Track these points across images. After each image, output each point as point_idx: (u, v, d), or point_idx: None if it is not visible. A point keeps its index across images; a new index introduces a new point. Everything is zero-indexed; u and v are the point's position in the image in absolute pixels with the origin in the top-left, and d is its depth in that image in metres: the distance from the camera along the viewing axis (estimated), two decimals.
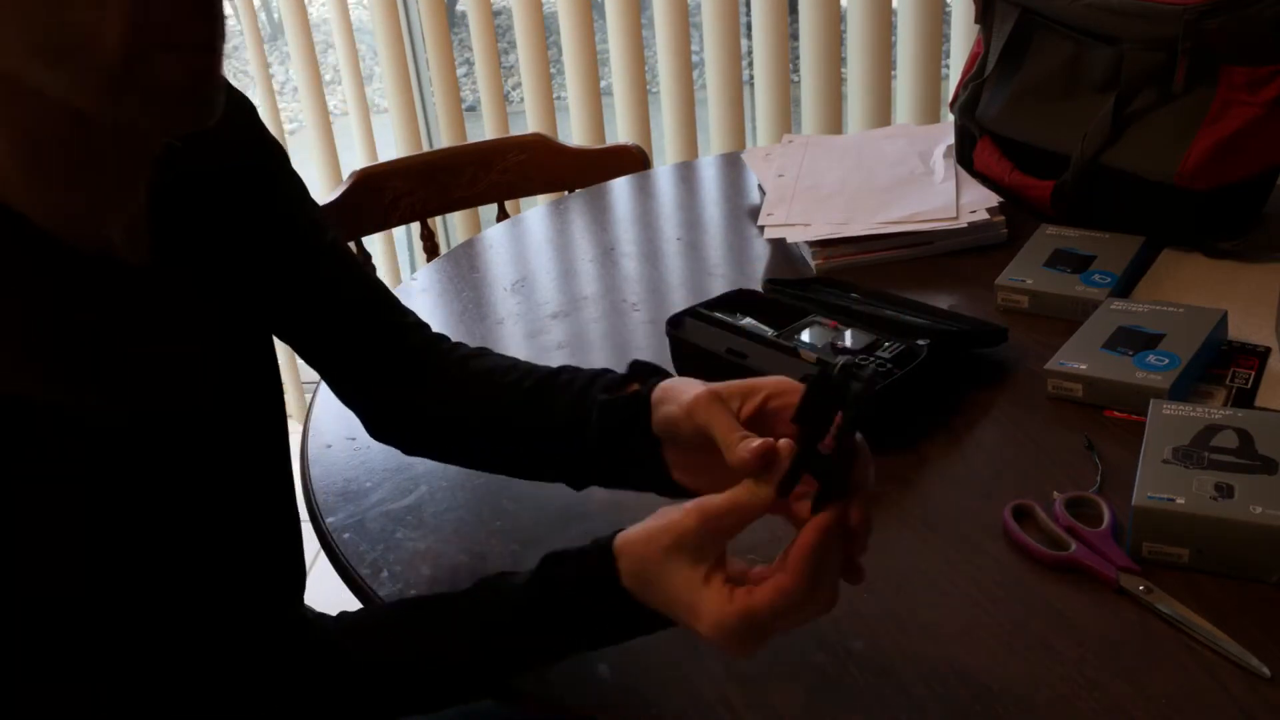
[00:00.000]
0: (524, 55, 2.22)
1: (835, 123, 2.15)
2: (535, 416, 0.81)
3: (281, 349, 0.86)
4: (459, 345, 0.91)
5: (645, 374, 0.77)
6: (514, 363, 0.87)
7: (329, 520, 0.91)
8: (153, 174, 0.71)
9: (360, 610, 0.78)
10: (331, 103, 2.55)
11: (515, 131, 1.85)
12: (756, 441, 0.63)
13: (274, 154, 0.85)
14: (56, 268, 0.63)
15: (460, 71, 2.59)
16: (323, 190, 2.31)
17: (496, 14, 2.31)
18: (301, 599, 0.90)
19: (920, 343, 0.96)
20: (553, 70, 2.25)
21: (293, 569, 0.87)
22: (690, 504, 0.62)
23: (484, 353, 0.89)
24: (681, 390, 0.70)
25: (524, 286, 1.29)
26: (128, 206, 0.69)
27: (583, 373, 0.82)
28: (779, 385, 0.68)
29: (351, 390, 0.91)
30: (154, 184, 0.72)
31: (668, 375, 0.76)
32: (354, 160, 2.14)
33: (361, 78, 2.34)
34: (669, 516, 0.63)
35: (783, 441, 0.63)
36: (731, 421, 0.66)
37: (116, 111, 0.60)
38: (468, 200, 1.69)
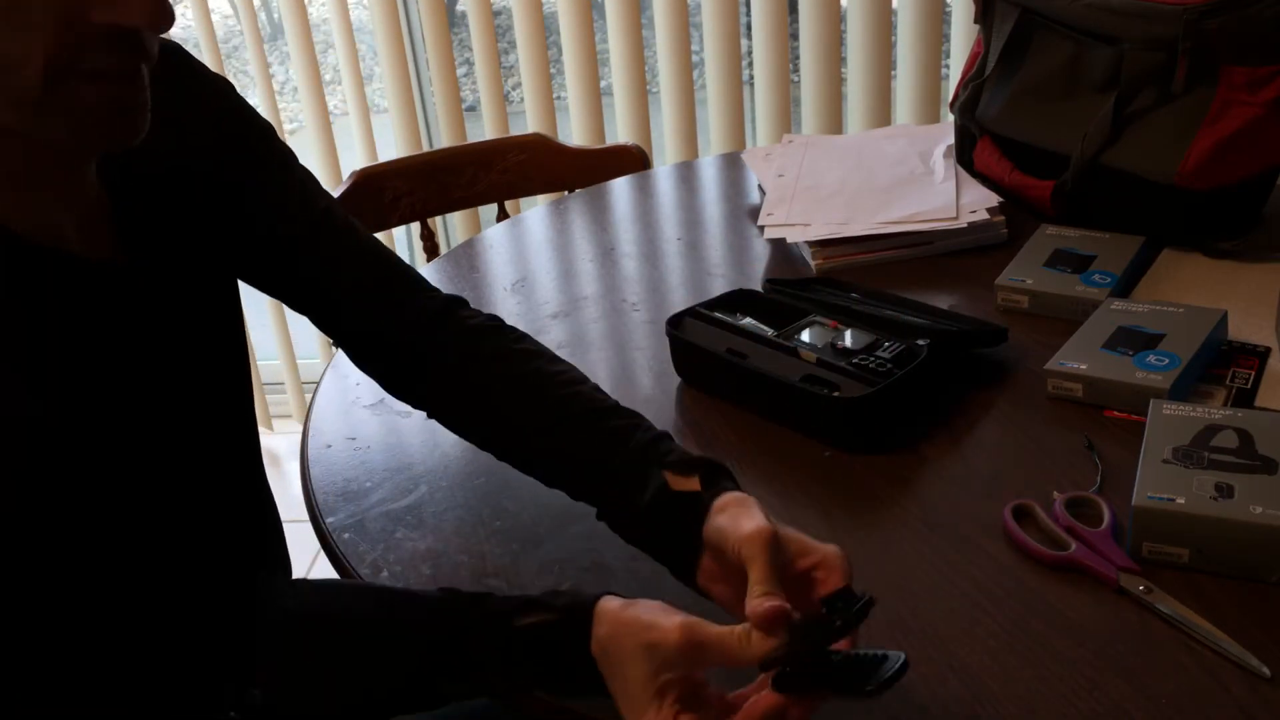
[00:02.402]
0: (524, 55, 2.22)
1: (835, 123, 2.15)
2: (584, 454, 0.80)
3: (281, 350, 0.87)
4: (485, 329, 0.89)
5: (712, 471, 0.73)
6: (553, 373, 0.85)
7: (329, 520, 0.91)
8: (112, 171, 0.73)
9: (329, 588, 0.78)
10: (331, 103, 2.55)
11: (515, 131, 1.85)
12: (775, 602, 0.62)
13: (254, 131, 0.86)
14: (13, 264, 0.66)
15: (460, 71, 2.59)
16: None
17: (496, 14, 2.30)
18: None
19: (920, 343, 0.96)
20: (553, 70, 2.25)
21: (261, 553, 0.88)
22: (683, 622, 0.62)
23: (518, 347, 0.88)
24: (742, 515, 0.68)
25: (524, 286, 1.29)
26: (75, 206, 0.71)
27: (642, 427, 0.79)
28: (831, 559, 0.66)
29: (365, 363, 0.92)
30: (117, 178, 0.74)
31: (732, 480, 0.74)
32: (354, 160, 2.14)
33: (361, 78, 2.34)
34: (659, 618, 0.63)
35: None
36: (769, 570, 0.64)
37: (39, 130, 0.64)
38: (468, 200, 1.69)
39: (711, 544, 0.70)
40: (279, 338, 2.58)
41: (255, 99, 2.30)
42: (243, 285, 0.89)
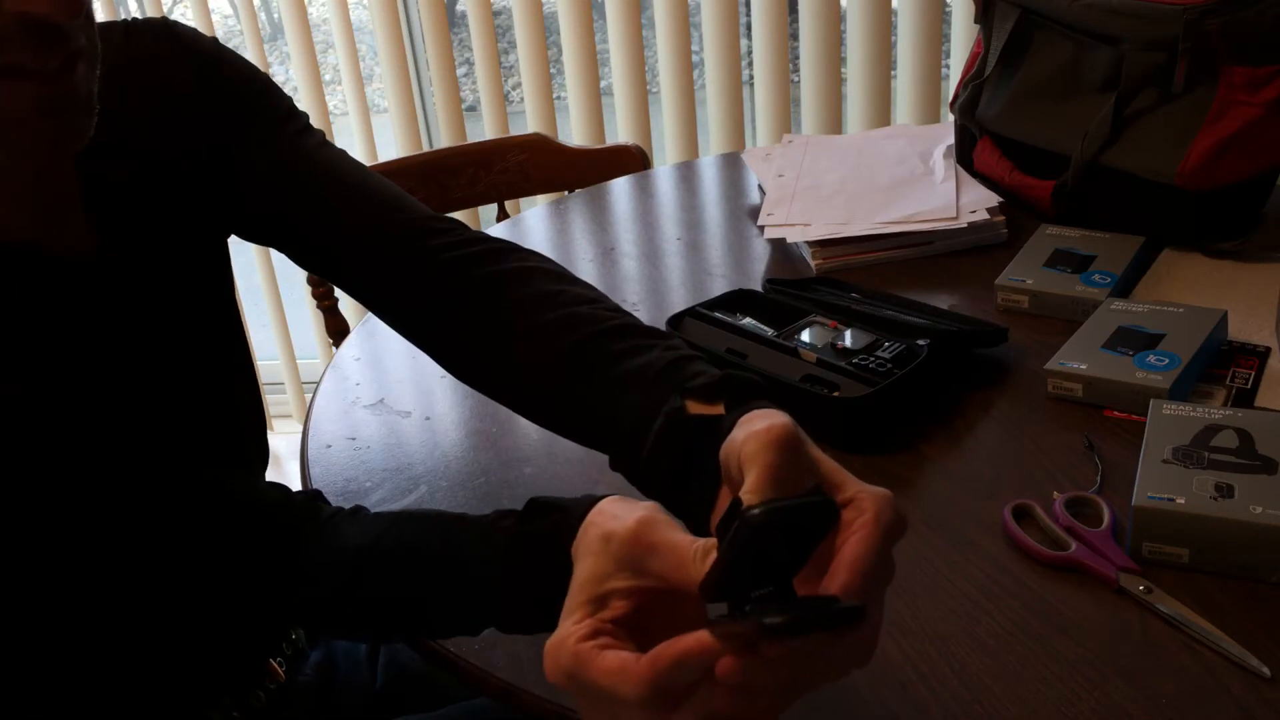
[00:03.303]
0: (524, 55, 2.22)
1: (835, 123, 2.15)
2: (593, 396, 0.70)
3: (281, 349, 0.87)
4: (502, 263, 0.80)
5: (741, 392, 0.62)
6: (570, 307, 0.75)
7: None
8: (91, 162, 0.72)
9: (391, 521, 0.71)
10: (331, 103, 2.55)
11: (515, 131, 1.84)
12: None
13: (246, 89, 0.83)
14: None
15: (460, 71, 2.59)
16: None
17: (496, 14, 2.31)
18: None
19: (920, 343, 0.96)
20: (553, 70, 2.25)
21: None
22: (645, 516, 0.52)
23: (522, 260, 0.80)
24: (759, 419, 0.54)
25: None
26: (44, 201, 0.69)
27: (661, 347, 0.69)
28: (867, 500, 0.52)
29: (368, 300, 0.85)
30: (96, 168, 0.72)
31: (764, 400, 0.61)
32: None
33: (361, 78, 2.34)
34: (629, 509, 0.53)
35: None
36: (769, 476, 0.51)
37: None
38: (468, 200, 1.69)
39: (725, 469, 0.56)
40: (279, 338, 2.58)
41: None
42: (243, 286, 0.88)
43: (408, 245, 0.81)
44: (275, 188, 0.82)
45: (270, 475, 0.95)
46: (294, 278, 0.86)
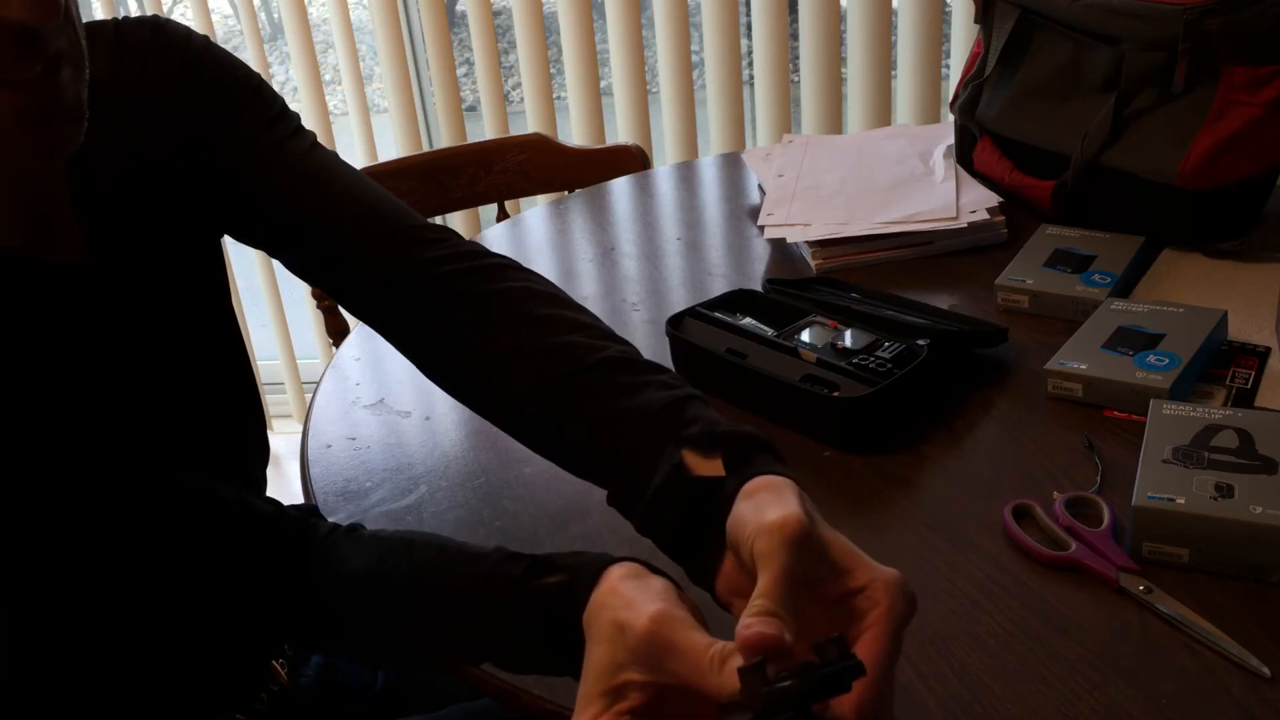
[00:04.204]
0: (524, 55, 2.22)
1: (835, 123, 2.15)
2: (585, 422, 0.69)
3: (281, 349, 0.86)
4: (497, 281, 0.78)
5: (742, 449, 0.61)
6: (568, 335, 0.74)
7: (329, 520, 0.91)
8: (81, 168, 0.71)
9: (389, 547, 0.70)
10: (331, 103, 2.55)
11: (515, 131, 1.84)
12: (767, 628, 0.48)
13: (236, 87, 0.82)
14: None
15: (460, 71, 2.59)
16: None
17: (496, 14, 2.31)
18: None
19: (920, 343, 0.96)
20: (553, 70, 2.25)
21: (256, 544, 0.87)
22: (660, 611, 0.51)
23: (521, 280, 0.79)
24: (771, 502, 0.54)
25: None
26: (32, 208, 0.68)
27: (658, 383, 0.69)
28: (880, 586, 0.52)
29: (356, 308, 0.84)
30: (86, 174, 0.72)
31: (771, 455, 0.62)
32: (354, 160, 2.13)
33: (361, 78, 2.34)
34: (642, 598, 0.53)
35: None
36: (783, 577, 0.50)
37: None
38: (468, 200, 1.69)
39: (732, 542, 0.56)
40: (279, 338, 2.58)
41: None
42: (242, 286, 0.88)
43: (400, 255, 0.80)
44: (263, 189, 0.81)
45: (270, 475, 0.95)
46: (294, 278, 0.86)
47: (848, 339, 0.99)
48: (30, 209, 0.69)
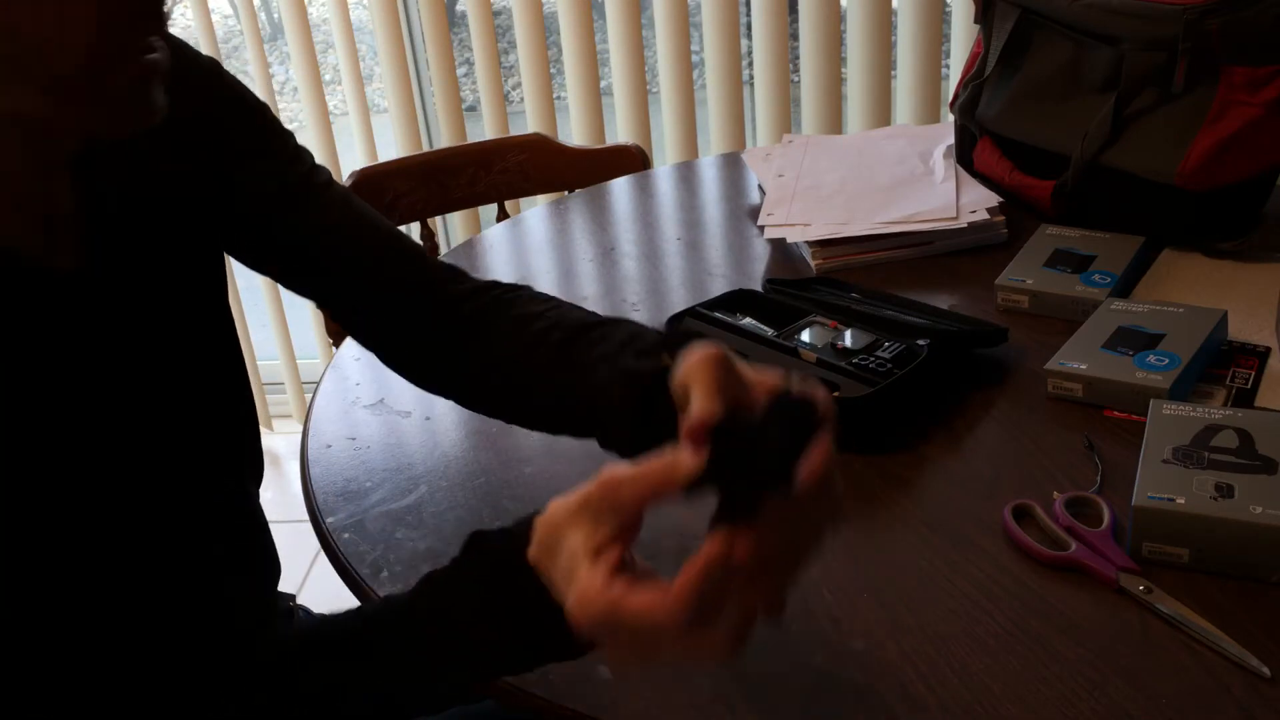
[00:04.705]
0: (524, 55, 2.22)
1: (835, 123, 2.15)
2: (560, 383, 0.77)
3: (281, 349, 0.87)
4: (482, 285, 0.86)
5: (680, 342, 0.68)
6: (543, 310, 0.82)
7: (329, 520, 0.91)
8: (89, 173, 0.70)
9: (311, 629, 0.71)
10: (331, 103, 2.55)
11: (515, 131, 1.84)
12: (706, 413, 0.55)
13: (243, 110, 0.83)
14: None
15: (460, 71, 2.59)
16: None
17: (496, 14, 2.31)
18: (273, 592, 0.90)
19: (920, 343, 0.96)
20: (553, 70, 2.25)
21: (248, 548, 0.87)
22: (596, 477, 0.55)
23: (514, 293, 0.85)
24: (696, 350, 0.60)
25: None
26: (41, 212, 0.68)
27: (615, 334, 0.76)
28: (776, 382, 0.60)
29: (363, 332, 0.89)
30: (95, 180, 0.71)
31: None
32: (354, 160, 2.14)
33: (361, 78, 2.34)
34: (579, 487, 0.57)
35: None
36: (712, 388, 0.57)
37: (64, 118, 0.60)
38: (468, 200, 1.69)
39: (679, 404, 0.61)
40: (279, 338, 2.58)
41: None
42: (242, 286, 0.88)
43: (418, 290, 0.86)
44: (284, 221, 0.84)
45: (270, 475, 0.95)
46: None
47: (848, 339, 0.99)
48: (34, 209, 0.68)
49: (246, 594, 0.87)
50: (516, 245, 1.43)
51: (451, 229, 2.58)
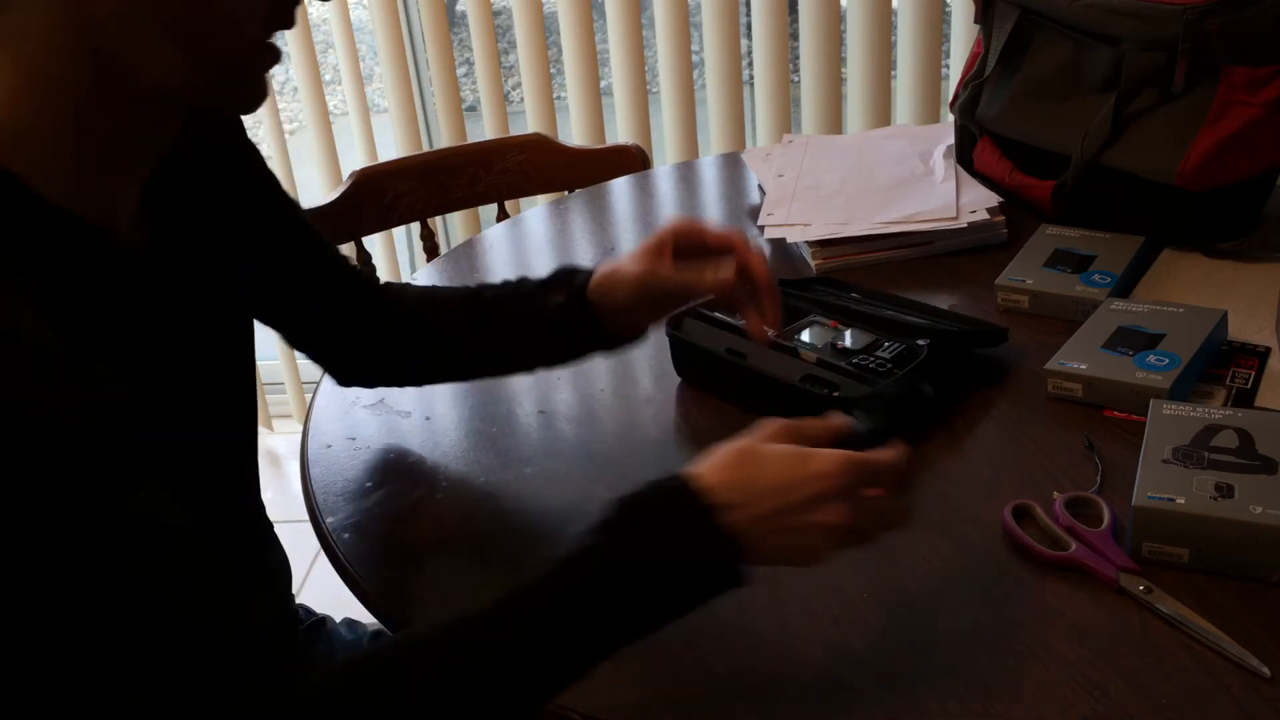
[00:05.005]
0: (524, 55, 2.22)
1: (835, 123, 2.15)
2: (494, 325, 0.93)
3: (281, 349, 0.87)
4: (405, 285, 1.03)
5: (562, 281, 0.90)
6: (463, 290, 0.98)
7: (329, 520, 0.91)
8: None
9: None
10: (331, 103, 2.55)
11: (515, 131, 1.84)
12: (727, 270, 0.82)
13: (249, 151, 0.86)
14: (67, 242, 0.63)
15: (460, 71, 2.59)
16: (323, 190, 2.31)
17: (496, 14, 2.30)
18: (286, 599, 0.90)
19: (920, 343, 0.96)
20: (553, 70, 2.25)
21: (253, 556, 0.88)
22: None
23: (433, 288, 1.03)
24: (619, 277, 0.87)
25: None
26: (133, 192, 0.69)
27: (504, 291, 0.95)
28: (679, 228, 0.86)
29: (319, 344, 0.97)
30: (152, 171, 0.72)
31: (580, 275, 0.89)
32: (354, 160, 2.14)
33: (361, 78, 2.33)
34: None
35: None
36: (678, 272, 0.85)
37: (205, 93, 0.63)
38: (468, 200, 1.69)
39: (611, 316, 0.88)
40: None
41: None
42: None
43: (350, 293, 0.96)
44: (277, 266, 0.89)
45: (270, 475, 0.95)
46: None
47: (848, 339, 0.99)
48: (136, 191, 0.69)
49: (261, 599, 0.86)
50: (516, 245, 1.43)
51: (451, 229, 2.58)
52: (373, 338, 0.97)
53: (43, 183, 0.60)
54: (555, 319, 0.89)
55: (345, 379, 1.02)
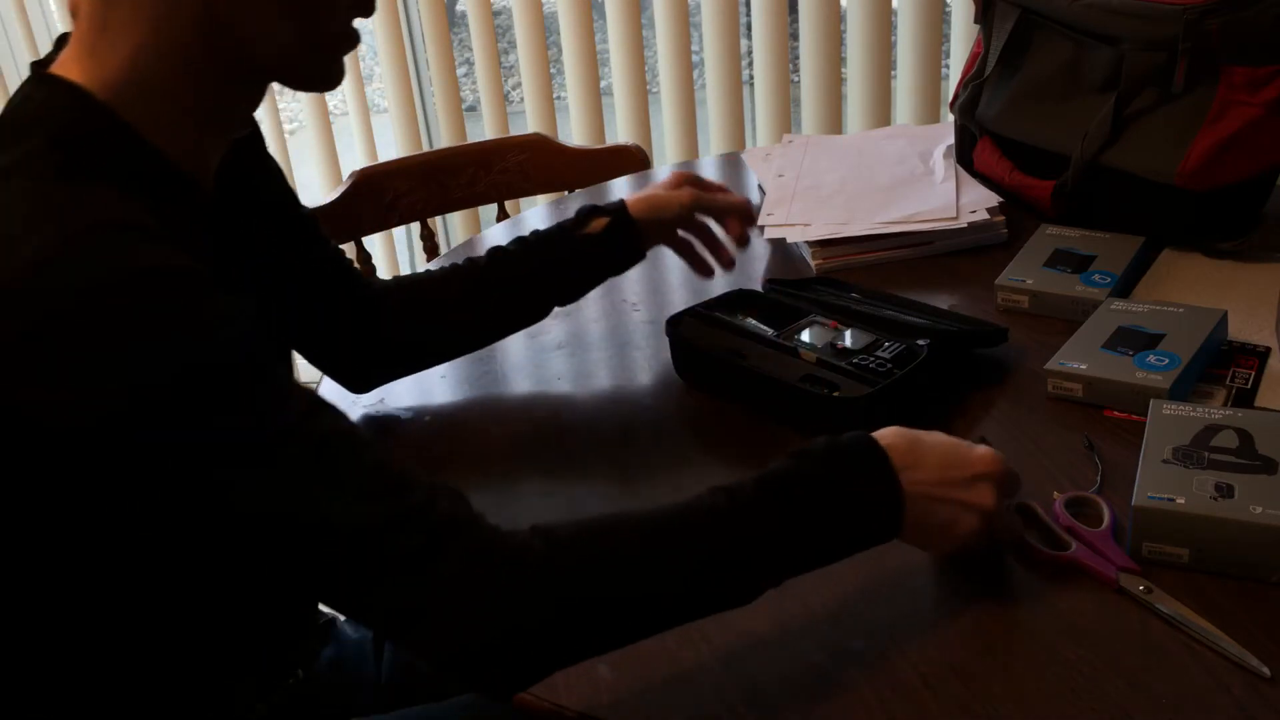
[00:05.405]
0: (524, 55, 2.22)
1: (835, 123, 2.15)
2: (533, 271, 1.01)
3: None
4: (395, 277, 1.04)
5: (589, 214, 1.01)
6: (455, 265, 1.02)
7: None
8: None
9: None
10: (331, 103, 2.55)
11: (515, 131, 1.84)
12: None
13: (262, 144, 0.89)
14: (175, 191, 0.69)
15: (460, 71, 2.60)
16: (323, 190, 2.31)
17: (496, 14, 2.31)
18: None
19: (920, 343, 0.96)
20: (553, 70, 2.25)
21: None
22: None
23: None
24: (663, 200, 1.04)
25: None
26: (221, 151, 0.75)
27: (521, 245, 1.01)
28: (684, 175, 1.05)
29: (326, 350, 0.99)
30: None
31: (605, 205, 1.01)
32: (354, 160, 2.14)
33: (361, 78, 2.34)
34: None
35: None
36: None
37: (299, 67, 0.72)
38: (468, 200, 1.69)
39: (649, 204, 1.02)
40: None
41: None
42: None
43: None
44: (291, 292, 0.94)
45: None
46: None
47: (848, 339, 0.99)
48: (227, 140, 0.76)
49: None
50: None
51: (451, 229, 2.58)
52: (375, 337, 0.99)
53: (156, 136, 0.68)
54: (598, 240, 1.00)
55: (357, 386, 1.03)
